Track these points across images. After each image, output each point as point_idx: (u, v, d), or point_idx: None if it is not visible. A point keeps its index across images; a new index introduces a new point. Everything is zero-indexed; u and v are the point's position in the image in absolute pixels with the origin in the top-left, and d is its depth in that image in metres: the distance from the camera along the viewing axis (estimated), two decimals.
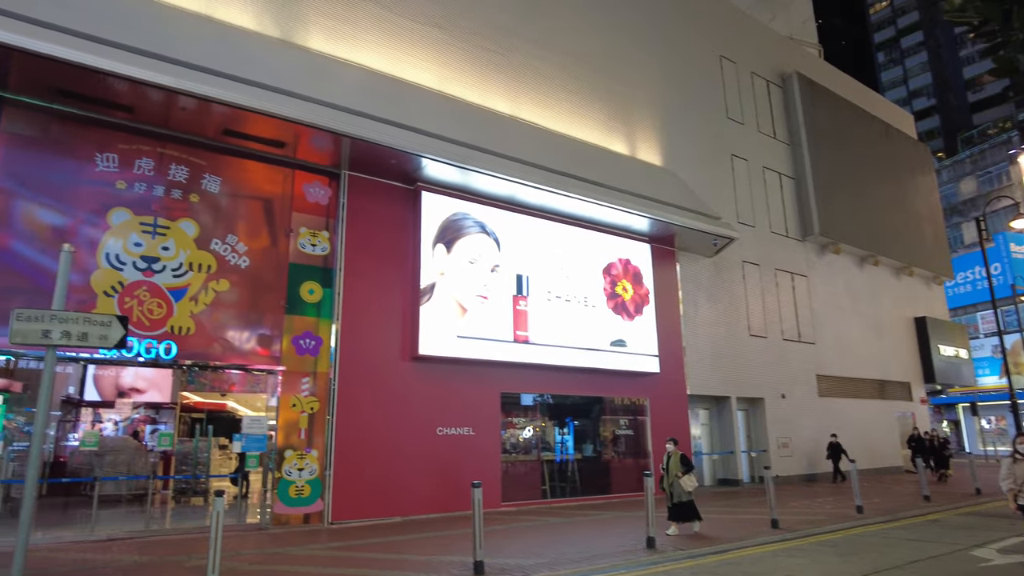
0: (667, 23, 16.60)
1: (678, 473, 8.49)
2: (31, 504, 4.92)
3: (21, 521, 4.80)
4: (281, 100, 8.52)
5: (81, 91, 7.94)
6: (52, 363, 5.24)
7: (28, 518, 4.85)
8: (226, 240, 9.18)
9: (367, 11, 10.92)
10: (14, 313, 5.08)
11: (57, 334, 5.16)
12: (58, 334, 5.16)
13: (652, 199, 13.41)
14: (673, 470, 8.59)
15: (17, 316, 5.08)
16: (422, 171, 10.35)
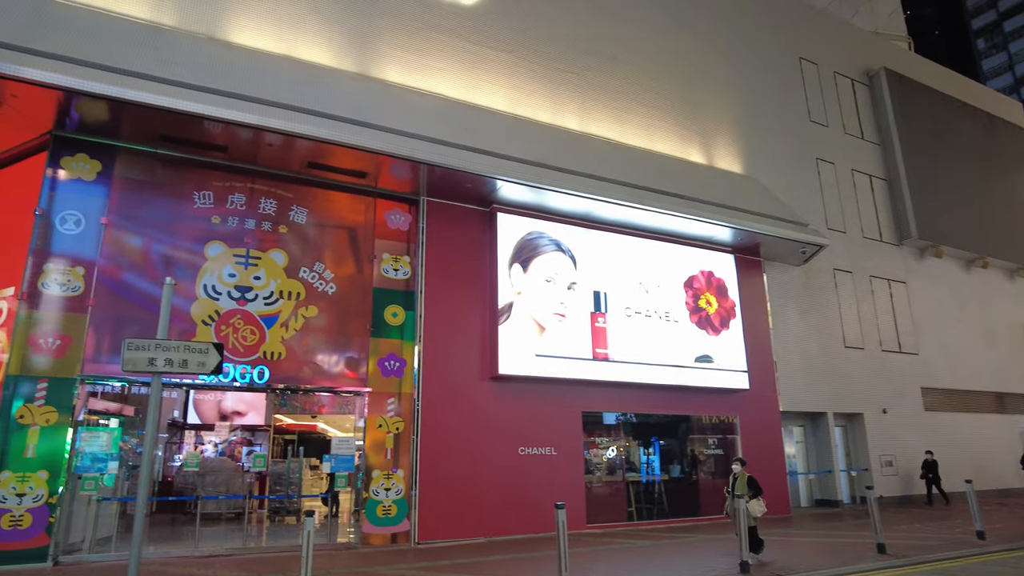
0: (742, 29, 16.16)
1: (745, 496, 7.66)
2: (142, 521, 5.29)
3: (134, 536, 5.18)
4: (361, 132, 8.88)
5: (181, 135, 8.59)
6: (158, 388, 5.63)
7: (140, 533, 5.20)
8: (314, 268, 9.60)
9: (440, 41, 11.27)
10: (125, 343, 5.50)
11: (161, 361, 5.53)
12: (162, 361, 5.53)
13: (733, 208, 12.98)
14: (740, 492, 7.77)
15: (127, 346, 5.49)
16: (497, 193, 10.48)
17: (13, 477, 7.44)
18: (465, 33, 11.52)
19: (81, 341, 8.07)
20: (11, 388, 7.67)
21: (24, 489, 7.47)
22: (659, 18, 14.56)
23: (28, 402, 7.70)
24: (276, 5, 10.03)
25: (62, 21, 8.14)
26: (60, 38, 7.75)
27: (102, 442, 8.18)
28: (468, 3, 11.80)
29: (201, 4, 9.49)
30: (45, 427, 7.72)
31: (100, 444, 8.14)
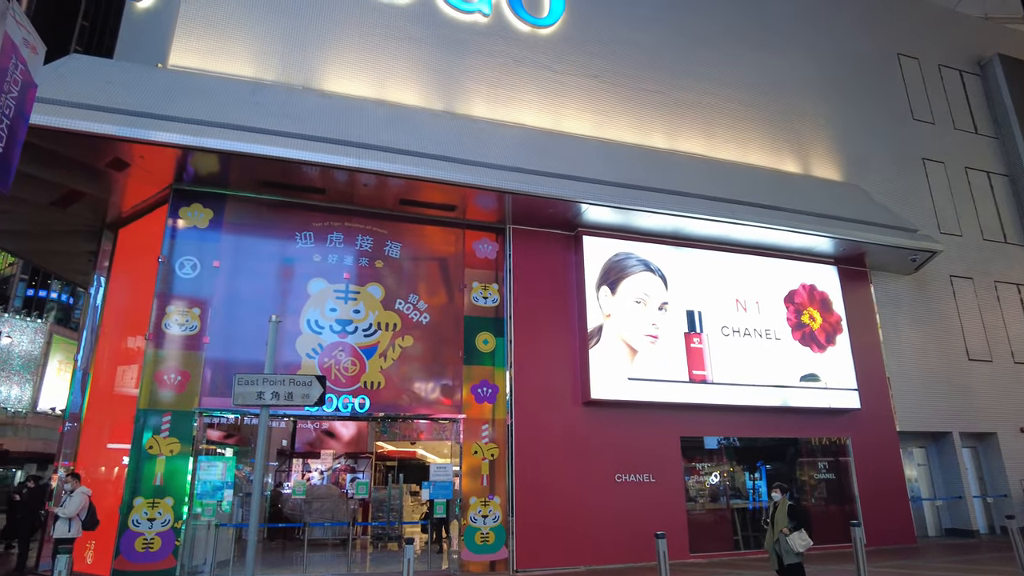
0: (832, 31, 15.43)
1: (784, 528, 6.62)
2: (255, 546, 5.62)
3: (247, 561, 5.56)
4: (449, 167, 9.16)
5: (284, 181, 9.19)
6: (266, 420, 5.99)
7: (253, 559, 5.54)
8: (408, 299, 9.91)
9: (523, 73, 11.49)
10: (236, 378, 5.90)
11: (268, 395, 5.87)
12: (269, 395, 5.87)
13: (833, 216, 12.29)
14: (779, 524, 6.73)
15: (238, 380, 5.88)
16: (582, 216, 10.45)
17: (145, 503, 8.08)
18: (547, 63, 11.70)
19: (198, 376, 8.70)
20: (142, 421, 8.36)
21: (154, 514, 8.10)
22: (743, 31, 14.17)
23: (155, 434, 8.36)
24: (367, 54, 10.58)
25: (178, 87, 8.92)
26: (177, 102, 8.49)
27: (218, 471, 8.77)
28: (547, 34, 11.98)
29: (298, 59, 10.17)
30: (170, 456, 8.35)
31: (216, 473, 8.74)
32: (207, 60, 9.67)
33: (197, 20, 9.83)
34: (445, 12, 11.36)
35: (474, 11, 11.49)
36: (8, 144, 5.97)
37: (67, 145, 8.11)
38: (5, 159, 5.89)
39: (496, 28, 11.63)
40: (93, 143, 8.07)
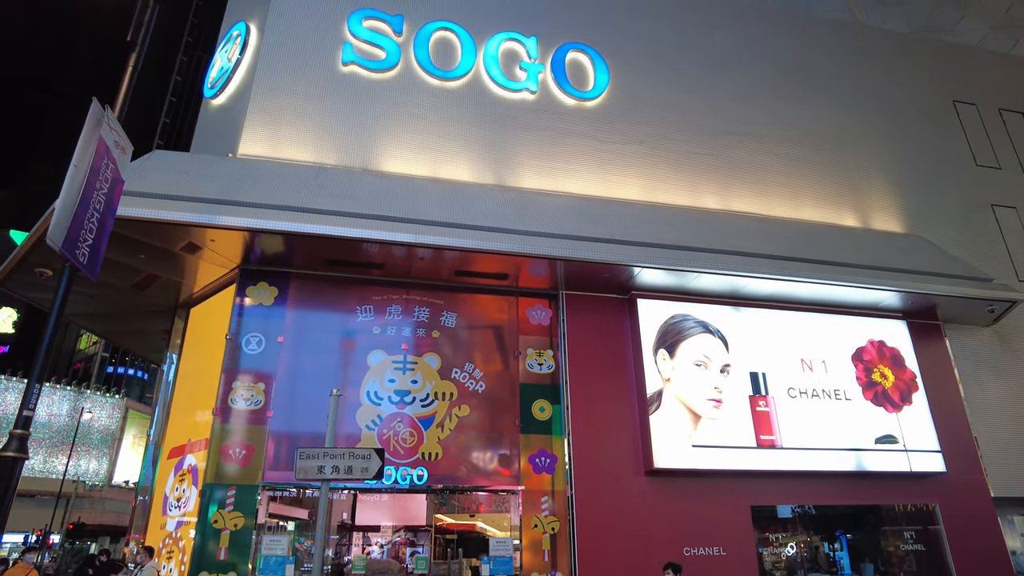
0: (883, 83, 15.32)
1: None
2: None
3: None
4: (502, 238, 9.38)
5: (345, 258, 9.60)
6: (326, 494, 6.06)
7: None
8: (464, 368, 9.98)
9: (570, 144, 11.83)
10: (298, 452, 6.03)
11: (329, 469, 5.97)
12: (329, 469, 5.97)
13: (897, 269, 11.85)
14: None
15: (300, 455, 6.00)
16: (635, 279, 10.42)
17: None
18: (594, 133, 12.02)
19: (262, 450, 8.89)
20: (207, 495, 8.55)
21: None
22: (792, 88, 14.24)
23: (220, 508, 8.51)
24: (421, 135, 11.14)
25: (247, 174, 9.55)
26: (246, 189, 9.07)
27: (281, 545, 8.79)
28: (592, 106, 12.35)
29: (357, 143, 10.79)
30: (234, 531, 8.45)
31: (279, 547, 8.76)
32: (273, 148, 10.35)
33: (264, 113, 10.60)
34: (494, 92, 11.90)
35: (521, 89, 11.99)
36: (97, 235, 6.47)
37: (147, 233, 8.74)
38: (95, 249, 6.37)
39: (543, 104, 12.08)
40: (170, 230, 8.67)
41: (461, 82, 11.79)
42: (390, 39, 11.71)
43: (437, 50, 11.88)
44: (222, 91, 11.60)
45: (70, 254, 5.66)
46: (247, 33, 11.62)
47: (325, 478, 5.99)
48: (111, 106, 7.30)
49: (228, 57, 11.77)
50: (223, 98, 11.60)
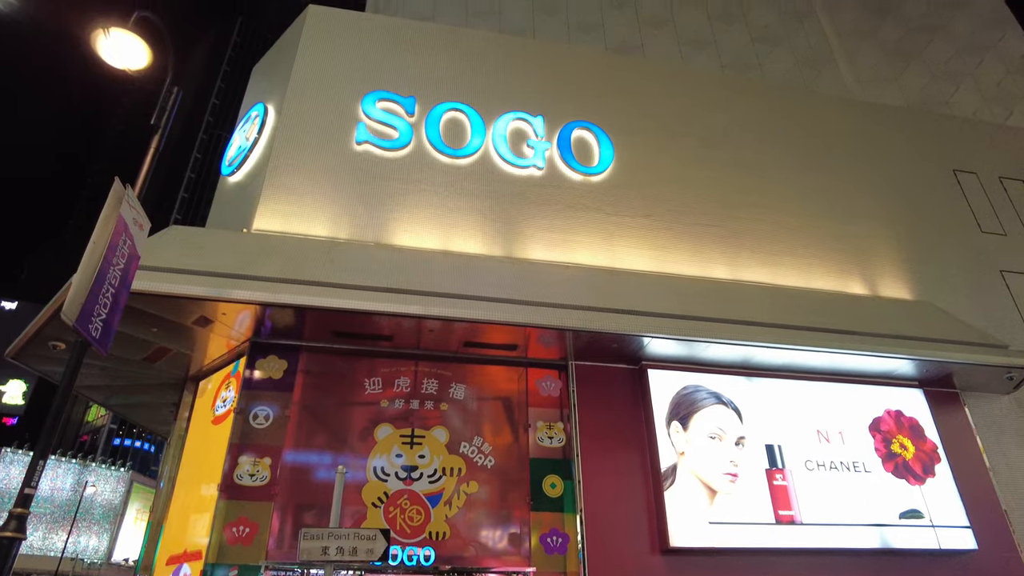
0: (883, 154, 15.67)
1: None
2: None
3: None
4: (511, 309, 9.41)
5: (354, 330, 9.64)
6: None
7: None
8: (473, 442, 9.81)
9: (577, 217, 12.06)
10: (302, 533, 5.85)
11: (333, 550, 5.81)
12: (334, 550, 5.81)
13: (909, 337, 11.73)
14: None
15: (303, 535, 5.86)
16: (645, 350, 10.36)
17: None
18: (600, 206, 12.27)
19: (266, 529, 8.65)
20: (209, 575, 8.25)
21: None
22: (795, 160, 14.59)
23: None
24: (432, 210, 11.42)
25: (260, 249, 9.74)
26: (259, 263, 9.24)
27: None
28: (598, 180, 12.67)
29: (370, 218, 11.05)
30: None
31: None
32: (287, 223, 10.61)
33: (279, 189, 10.93)
34: (502, 168, 12.27)
35: (529, 166, 12.36)
36: (111, 310, 6.56)
37: (160, 306, 8.86)
38: (108, 324, 6.44)
39: (550, 179, 12.40)
40: (182, 304, 8.79)
41: (471, 159, 12.17)
42: (403, 119, 12.19)
43: (448, 129, 12.34)
44: (239, 169, 12.01)
45: (83, 329, 5.73)
46: (265, 114, 12.13)
47: (329, 559, 5.82)
48: (132, 184, 7.55)
49: (246, 136, 12.25)
50: (240, 175, 11.99)
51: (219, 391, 10.17)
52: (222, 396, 10.00)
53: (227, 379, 10.10)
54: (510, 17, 19.55)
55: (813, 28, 21.62)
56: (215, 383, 10.47)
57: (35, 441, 16.67)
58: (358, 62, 12.78)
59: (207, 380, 10.83)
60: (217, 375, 10.53)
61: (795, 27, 21.47)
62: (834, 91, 18.66)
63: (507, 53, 14.16)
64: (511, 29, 19.36)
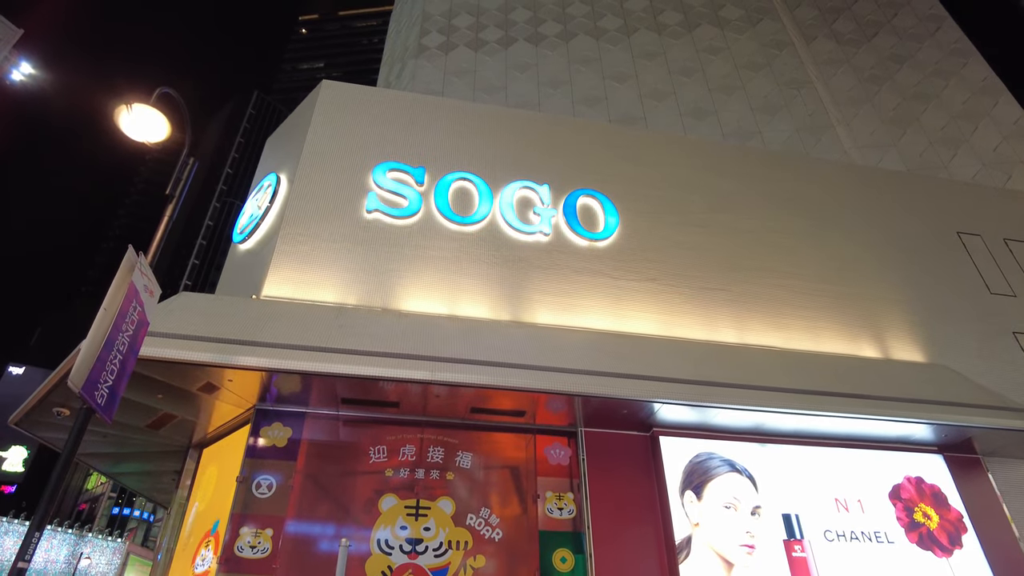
0: (888, 218, 15.82)
1: None
2: None
3: None
4: (519, 374, 9.32)
5: (360, 397, 9.53)
6: None
7: None
8: (480, 514, 9.51)
9: (584, 281, 12.12)
10: None
11: None
12: None
13: (927, 400, 11.50)
14: None
15: None
16: (656, 416, 10.18)
17: None
18: (607, 271, 12.35)
19: None
20: None
21: None
22: (800, 223, 14.73)
23: None
24: (440, 276, 11.51)
25: (268, 315, 9.78)
26: (267, 329, 9.26)
27: None
28: (603, 246, 12.81)
29: (378, 284, 11.14)
30: None
31: None
32: (296, 289, 10.70)
33: (289, 256, 11.07)
34: (509, 235, 12.44)
35: (535, 232, 12.53)
36: (118, 377, 6.54)
37: (166, 373, 8.83)
38: (113, 391, 6.41)
39: (556, 244, 12.55)
40: (189, 370, 8.76)
41: (478, 227, 12.36)
42: (412, 188, 12.47)
43: (456, 198, 12.60)
44: (250, 236, 12.21)
45: (89, 396, 5.70)
46: (277, 183, 12.45)
47: None
48: (145, 252, 7.67)
49: (258, 205, 12.52)
50: (251, 243, 12.19)
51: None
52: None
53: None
54: (516, 92, 20.31)
55: (811, 96, 22.33)
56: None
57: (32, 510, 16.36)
58: (369, 134, 13.20)
59: (211, 447, 10.66)
60: (221, 443, 10.37)
61: (793, 96, 22.19)
62: (834, 156, 19.06)
63: (513, 125, 14.62)
64: (517, 103, 20.08)
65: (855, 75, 24.42)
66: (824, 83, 23.56)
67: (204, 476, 10.52)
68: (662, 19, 26.08)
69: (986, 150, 21.18)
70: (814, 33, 26.91)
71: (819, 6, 28.45)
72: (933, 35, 26.47)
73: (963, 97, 22.94)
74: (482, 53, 23.05)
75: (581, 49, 23.97)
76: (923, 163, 20.22)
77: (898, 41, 26.32)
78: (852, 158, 19.72)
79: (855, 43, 26.30)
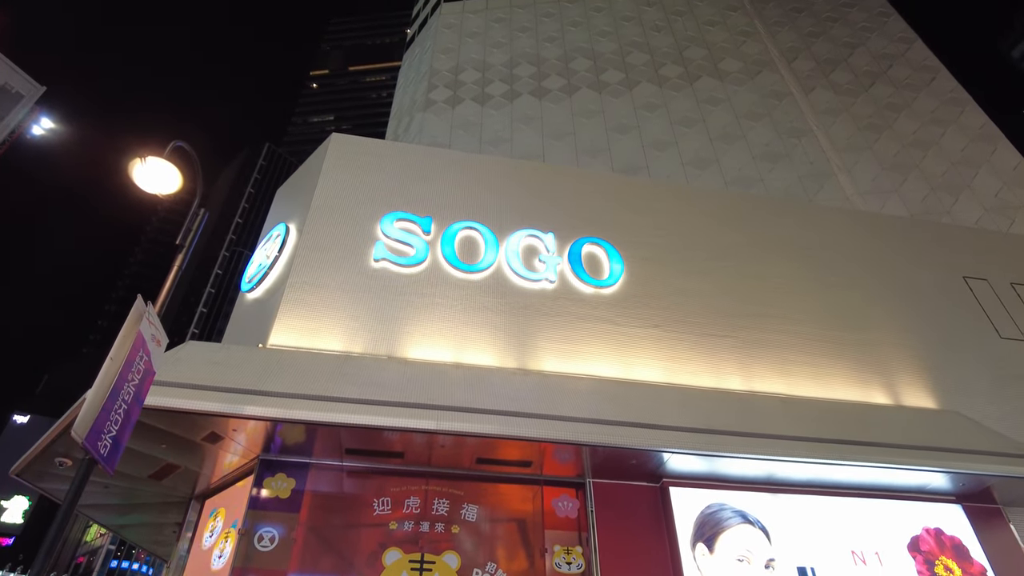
0: (895, 263, 15.84)
1: None
2: None
3: None
4: (525, 424, 9.21)
5: (365, 447, 9.43)
6: None
7: None
8: (486, 568, 9.24)
9: (589, 328, 12.11)
10: None
11: None
12: None
13: (941, 448, 11.26)
14: None
15: None
16: (665, 466, 10.00)
17: None
18: (611, 318, 12.35)
19: None
20: None
21: None
22: (805, 270, 14.77)
23: None
24: (446, 324, 11.54)
25: (274, 364, 9.78)
26: (273, 379, 9.25)
27: None
28: (609, 293, 12.85)
29: (384, 333, 11.16)
30: None
31: None
32: (302, 338, 10.73)
33: (296, 305, 11.15)
34: (515, 283, 12.52)
35: (541, 279, 12.61)
36: (122, 427, 6.51)
37: (171, 422, 8.79)
38: (117, 441, 6.37)
39: (561, 292, 12.60)
40: (193, 420, 8.71)
41: (484, 274, 12.45)
42: (419, 237, 12.63)
43: (462, 247, 12.74)
44: (259, 286, 12.33)
45: (92, 447, 5.67)
46: (286, 233, 12.63)
47: None
48: (154, 301, 7.74)
49: (267, 254, 12.68)
50: (259, 292, 12.30)
51: None
52: None
53: None
54: (521, 143, 20.76)
55: (811, 145, 22.69)
56: None
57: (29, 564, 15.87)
58: (378, 185, 13.46)
59: (213, 498, 10.50)
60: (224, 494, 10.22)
61: (794, 144, 22.56)
62: (837, 203, 19.22)
63: (519, 175, 14.89)
64: (522, 154, 20.49)
65: (854, 124, 24.88)
66: (824, 131, 23.99)
67: (206, 528, 10.33)
68: (663, 72, 26.81)
69: (987, 195, 21.35)
70: (812, 84, 27.57)
71: (816, 58, 29.24)
72: (928, 85, 27.07)
73: (961, 144, 23.27)
74: (488, 107, 23.66)
75: (584, 102, 24.59)
76: (925, 208, 20.37)
77: (895, 91, 26.92)
78: (855, 204, 19.89)
79: (853, 93, 26.90)
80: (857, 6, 33.09)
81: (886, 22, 31.89)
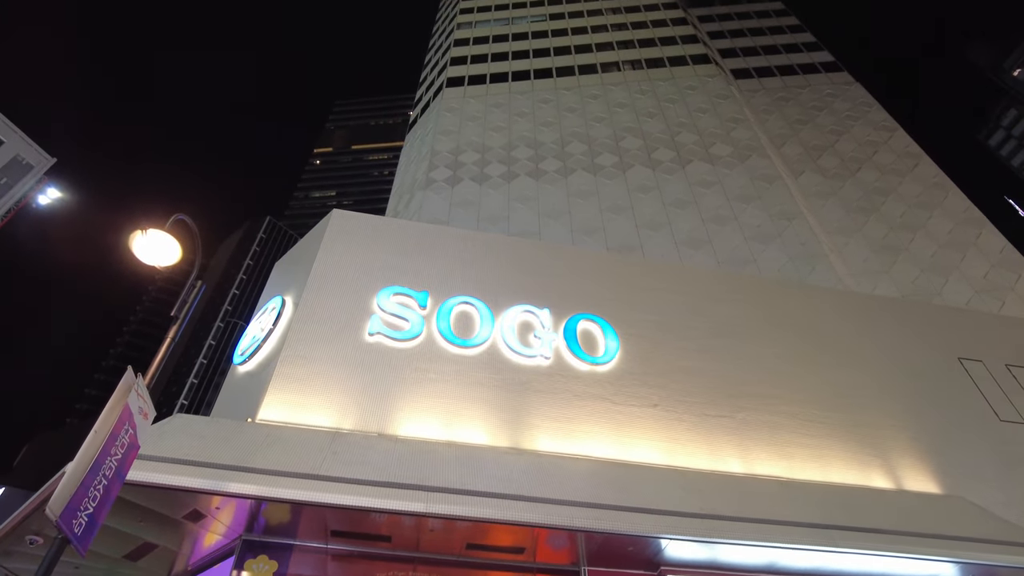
0: (890, 344, 15.86)
1: None
2: None
3: None
4: (518, 507, 8.89)
5: (351, 529, 9.08)
6: None
7: None
8: None
9: (584, 406, 11.94)
10: None
11: None
12: None
13: (948, 536, 10.88)
14: None
15: None
16: (663, 553, 9.62)
17: None
18: (607, 396, 12.21)
19: None
20: None
21: None
22: (800, 350, 14.76)
23: None
24: (438, 399, 11.39)
25: (262, 440, 9.55)
26: (259, 455, 9.00)
27: None
28: (604, 371, 12.77)
29: (375, 408, 10.98)
30: None
31: None
32: (292, 413, 10.53)
33: (289, 379, 11.01)
34: (510, 359, 12.45)
35: (536, 355, 12.55)
36: (99, 504, 6.26)
37: (151, 498, 8.48)
38: (93, 519, 6.11)
39: (556, 369, 12.52)
40: (175, 496, 8.41)
41: (479, 350, 12.40)
42: (415, 311, 12.65)
43: (458, 321, 12.75)
44: (251, 359, 12.22)
45: (66, 526, 5.45)
46: (282, 306, 12.64)
47: None
48: (144, 373, 7.64)
49: (261, 327, 12.63)
50: (251, 365, 12.17)
51: None
52: None
53: None
54: (518, 222, 21.20)
55: (802, 226, 23.20)
56: None
57: None
58: (376, 260, 13.60)
59: None
60: None
61: (785, 226, 23.07)
62: (829, 283, 19.44)
63: (515, 252, 15.09)
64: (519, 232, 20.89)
65: (843, 207, 25.56)
66: (814, 214, 24.60)
67: None
68: (656, 156, 27.74)
69: (976, 277, 21.67)
70: (801, 168, 28.52)
71: (803, 144, 30.39)
72: (912, 170, 28.03)
73: (947, 227, 23.84)
74: (486, 186, 24.31)
75: (579, 183, 25.30)
76: (916, 289, 20.61)
77: (880, 176, 27.83)
78: (847, 285, 20.12)
79: (840, 177, 27.80)
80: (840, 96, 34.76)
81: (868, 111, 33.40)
